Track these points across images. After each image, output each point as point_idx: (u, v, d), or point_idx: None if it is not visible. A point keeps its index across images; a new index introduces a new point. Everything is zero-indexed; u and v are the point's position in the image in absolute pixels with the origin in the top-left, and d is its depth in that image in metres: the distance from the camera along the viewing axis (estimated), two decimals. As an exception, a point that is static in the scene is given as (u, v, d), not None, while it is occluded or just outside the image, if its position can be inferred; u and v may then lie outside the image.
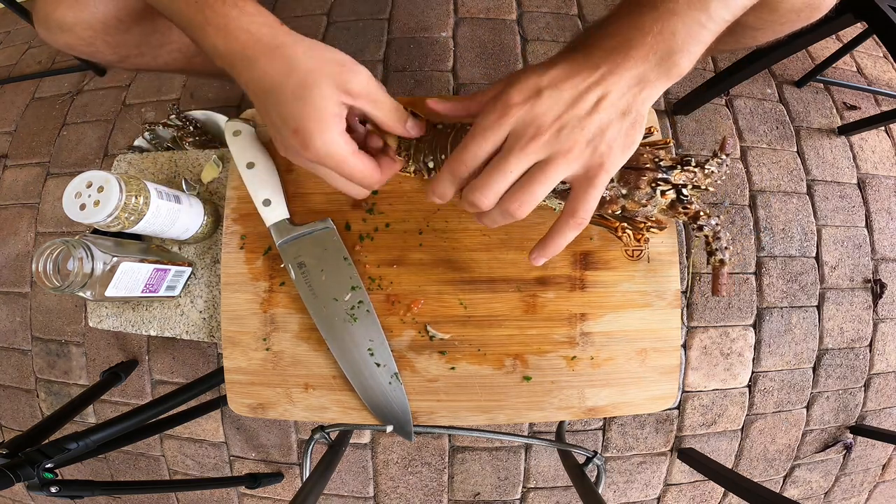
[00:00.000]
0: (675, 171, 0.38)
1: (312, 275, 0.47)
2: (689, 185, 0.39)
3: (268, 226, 0.47)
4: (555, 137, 0.31)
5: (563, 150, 0.32)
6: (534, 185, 0.33)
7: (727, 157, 0.40)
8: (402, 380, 0.46)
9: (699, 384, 1.04)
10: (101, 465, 1.12)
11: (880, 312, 1.07)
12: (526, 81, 0.33)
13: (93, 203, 0.41)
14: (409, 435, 0.46)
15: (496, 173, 0.33)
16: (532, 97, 0.32)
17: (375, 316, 0.46)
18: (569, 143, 0.31)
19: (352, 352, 0.46)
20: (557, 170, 0.32)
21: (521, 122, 0.32)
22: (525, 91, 0.32)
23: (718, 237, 0.40)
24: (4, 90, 1.28)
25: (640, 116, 0.32)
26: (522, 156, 0.32)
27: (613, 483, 1.06)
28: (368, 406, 0.46)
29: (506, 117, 0.32)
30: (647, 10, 0.31)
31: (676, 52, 0.30)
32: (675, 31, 0.30)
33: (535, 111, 0.32)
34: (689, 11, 0.30)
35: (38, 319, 1.13)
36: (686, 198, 0.38)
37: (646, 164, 0.38)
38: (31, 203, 1.17)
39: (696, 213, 0.39)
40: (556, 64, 0.33)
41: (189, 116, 0.89)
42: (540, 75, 0.32)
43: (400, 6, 1.22)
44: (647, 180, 0.38)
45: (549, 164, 0.32)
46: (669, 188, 0.38)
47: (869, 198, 1.11)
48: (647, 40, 0.30)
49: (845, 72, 1.22)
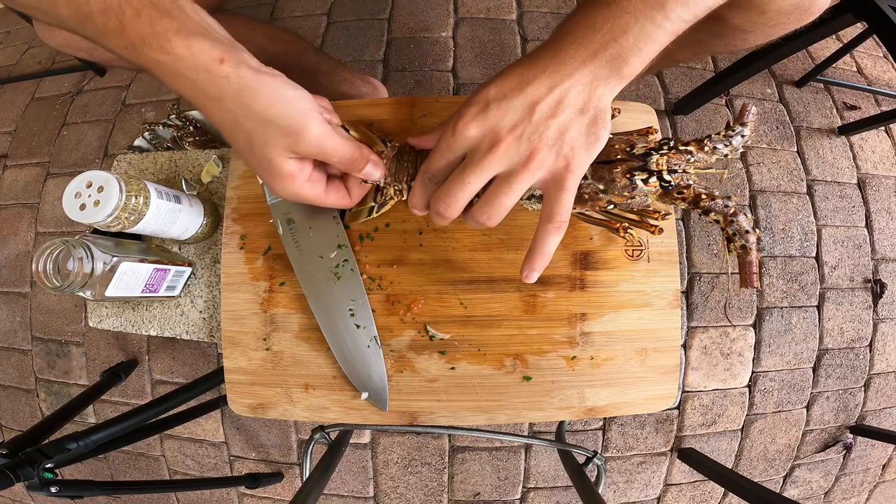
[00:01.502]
0: (653, 158, 0.36)
1: (300, 231, 0.47)
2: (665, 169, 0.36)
3: (261, 182, 0.48)
4: (512, 148, 0.31)
5: (523, 160, 0.32)
6: (500, 197, 0.33)
7: (744, 126, 0.36)
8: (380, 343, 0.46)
9: (699, 384, 1.04)
10: (101, 465, 1.13)
11: (880, 312, 1.07)
12: (476, 96, 0.33)
13: (93, 203, 0.41)
14: (384, 403, 0.45)
15: (455, 185, 0.34)
16: (481, 111, 0.32)
17: (359, 276, 0.47)
18: (528, 152, 0.31)
19: (332, 311, 0.46)
20: (521, 180, 0.32)
21: (473, 138, 0.32)
22: (475, 106, 0.32)
23: (732, 220, 0.35)
24: (4, 90, 1.29)
25: (599, 112, 0.32)
26: (479, 169, 0.32)
27: (613, 483, 1.06)
28: (345, 371, 0.45)
29: (457, 135, 0.33)
30: (601, 7, 0.30)
31: (627, 51, 0.30)
32: (627, 29, 0.29)
33: (487, 124, 0.32)
34: (644, 10, 0.29)
35: (38, 319, 1.13)
36: (668, 184, 0.36)
37: (617, 156, 0.37)
38: (31, 203, 1.17)
39: (695, 196, 0.36)
40: (507, 73, 0.33)
41: (189, 116, 0.89)
42: (489, 88, 0.32)
43: (400, 6, 1.22)
44: (620, 172, 0.36)
45: (512, 175, 0.32)
46: (646, 176, 0.36)
47: (869, 198, 1.11)
48: (597, 38, 0.30)
49: (845, 72, 1.22)
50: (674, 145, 0.36)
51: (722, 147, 0.36)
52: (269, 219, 0.48)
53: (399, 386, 0.46)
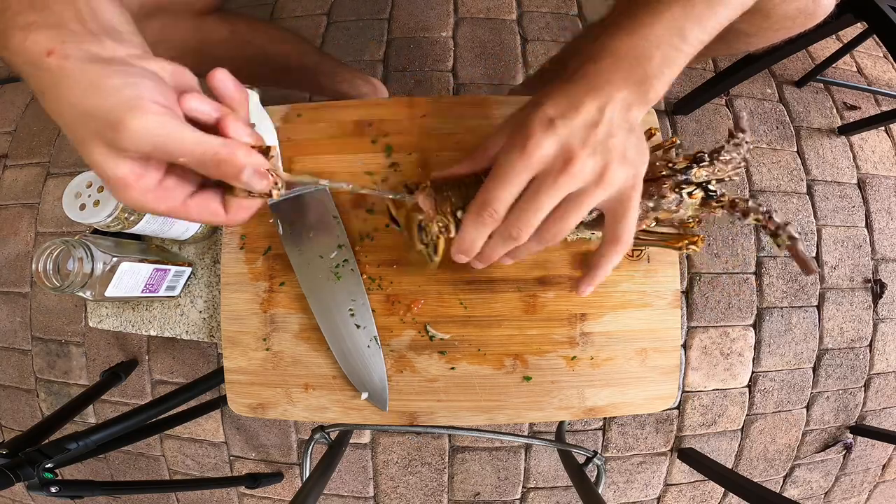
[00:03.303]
0: (692, 170, 0.38)
1: (300, 232, 0.47)
2: (713, 178, 0.38)
3: None
4: (588, 164, 0.30)
5: (596, 177, 0.31)
6: (569, 216, 0.32)
7: (744, 133, 0.39)
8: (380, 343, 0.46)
9: (699, 384, 1.04)
10: (101, 465, 1.13)
11: (880, 312, 1.07)
12: (533, 116, 0.31)
13: (93, 203, 0.41)
14: (384, 403, 0.45)
15: (528, 211, 0.31)
16: (549, 128, 0.30)
17: (359, 276, 0.47)
18: (602, 168, 0.31)
19: (332, 311, 0.46)
20: (593, 198, 0.31)
21: (546, 157, 0.31)
22: (539, 124, 0.31)
23: (771, 217, 0.36)
24: (4, 90, 1.28)
25: (640, 133, 0.33)
26: (555, 189, 0.31)
27: (613, 483, 1.06)
28: (345, 371, 0.45)
29: (528, 155, 0.30)
30: (625, 35, 0.31)
31: (652, 76, 0.31)
32: (651, 56, 0.30)
33: (559, 141, 0.30)
34: (665, 35, 0.30)
35: (38, 319, 1.13)
36: (714, 192, 0.38)
37: (662, 172, 0.38)
38: (31, 203, 1.17)
39: (732, 201, 0.38)
40: (550, 94, 0.32)
41: (189, 116, 0.89)
42: (544, 107, 0.31)
43: (400, 6, 1.22)
44: (668, 187, 0.37)
45: (583, 193, 0.31)
46: (694, 188, 0.38)
47: (869, 198, 1.11)
48: (623, 66, 0.31)
49: (845, 72, 1.22)
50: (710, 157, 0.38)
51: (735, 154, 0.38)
52: (269, 219, 0.48)
53: (399, 386, 0.46)
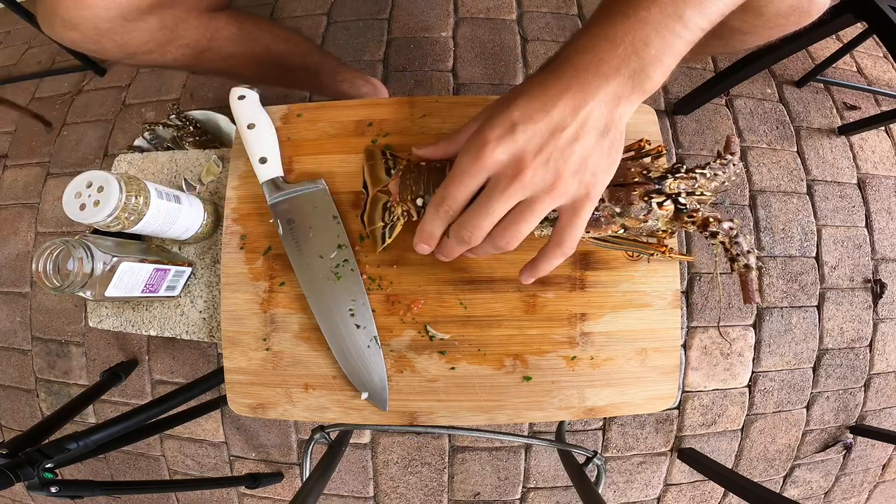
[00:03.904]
0: (667, 181, 0.36)
1: (300, 232, 0.47)
2: (685, 193, 0.37)
3: (261, 182, 0.48)
4: (539, 174, 0.30)
5: (546, 187, 0.31)
6: (520, 224, 0.32)
7: (733, 156, 0.38)
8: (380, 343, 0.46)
9: (699, 384, 1.04)
10: (101, 465, 1.12)
11: (880, 312, 1.07)
12: (498, 117, 0.31)
13: (93, 203, 0.41)
14: (384, 403, 0.45)
15: (479, 215, 0.32)
16: (507, 133, 0.30)
17: (359, 276, 0.46)
18: (553, 179, 0.30)
19: (332, 311, 0.45)
20: (544, 206, 0.31)
21: (499, 163, 0.31)
22: (499, 127, 0.31)
23: (737, 241, 0.36)
24: (4, 90, 1.28)
25: (618, 133, 0.31)
26: (504, 197, 0.31)
27: (613, 483, 1.06)
28: (345, 371, 0.45)
29: (482, 159, 0.31)
30: (620, 19, 0.30)
31: (649, 64, 0.29)
32: (649, 41, 0.29)
33: (513, 149, 0.30)
34: (663, 20, 0.29)
35: (38, 319, 1.13)
36: (684, 207, 0.37)
37: (634, 179, 0.37)
38: (31, 203, 1.17)
39: (704, 220, 0.37)
40: (528, 92, 0.31)
41: (189, 116, 0.89)
42: (512, 109, 0.31)
43: (400, 6, 1.22)
44: (638, 195, 0.36)
45: (535, 202, 0.31)
46: (664, 199, 0.36)
47: (869, 198, 1.11)
48: (618, 52, 0.29)
49: (845, 72, 1.22)
50: (687, 169, 0.37)
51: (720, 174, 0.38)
52: (269, 219, 0.48)
53: (399, 386, 0.46)
